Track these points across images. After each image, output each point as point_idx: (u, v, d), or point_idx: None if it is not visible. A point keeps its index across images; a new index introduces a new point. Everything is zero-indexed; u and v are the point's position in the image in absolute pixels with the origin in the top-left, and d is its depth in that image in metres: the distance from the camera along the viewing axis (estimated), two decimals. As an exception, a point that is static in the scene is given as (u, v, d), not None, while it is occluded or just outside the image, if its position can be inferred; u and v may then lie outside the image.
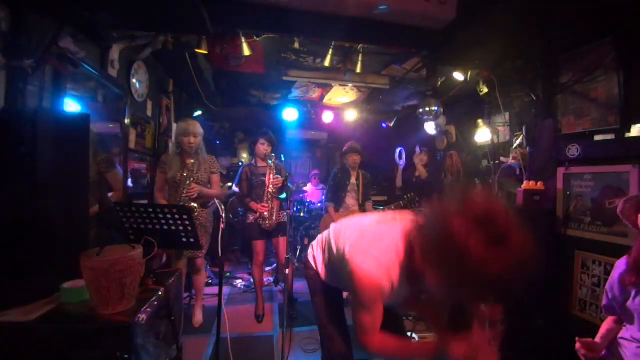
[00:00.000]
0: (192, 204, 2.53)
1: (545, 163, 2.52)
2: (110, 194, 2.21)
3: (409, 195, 3.39)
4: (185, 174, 2.53)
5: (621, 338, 1.43)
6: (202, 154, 2.67)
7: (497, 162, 3.07)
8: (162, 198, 2.66)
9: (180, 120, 2.92)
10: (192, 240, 1.63)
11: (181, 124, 2.62)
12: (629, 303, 1.37)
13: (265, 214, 2.95)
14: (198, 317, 2.83)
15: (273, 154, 2.99)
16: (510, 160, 2.79)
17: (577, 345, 1.44)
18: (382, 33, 2.30)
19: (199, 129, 2.61)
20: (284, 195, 3.01)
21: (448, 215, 0.85)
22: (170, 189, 2.62)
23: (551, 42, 2.37)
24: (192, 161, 2.57)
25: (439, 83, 3.53)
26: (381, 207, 4.20)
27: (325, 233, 1.48)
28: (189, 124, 2.58)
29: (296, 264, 4.38)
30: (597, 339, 1.48)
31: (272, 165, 2.96)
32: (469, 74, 3.06)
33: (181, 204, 2.47)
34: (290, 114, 4.79)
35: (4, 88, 1.54)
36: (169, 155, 2.70)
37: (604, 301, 1.53)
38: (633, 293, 1.35)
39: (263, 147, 3.05)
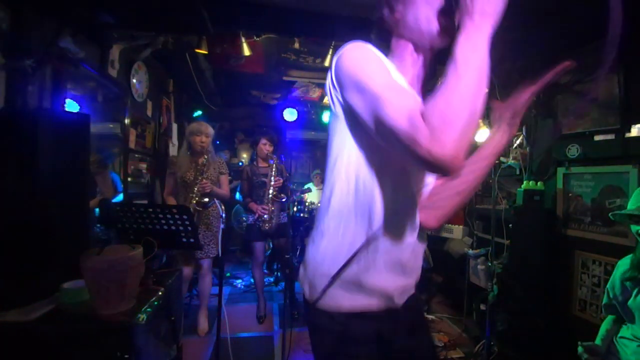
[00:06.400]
0: (205, 199, 2.55)
1: (545, 163, 2.52)
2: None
3: None
4: (196, 173, 2.57)
5: (621, 337, 1.43)
6: (211, 155, 2.72)
7: (497, 162, 3.06)
8: (174, 202, 2.67)
9: (191, 122, 3.01)
10: (192, 240, 1.63)
11: (193, 124, 2.72)
12: (630, 302, 1.37)
13: (265, 216, 2.93)
14: (203, 325, 2.75)
15: (274, 155, 2.96)
16: (510, 160, 2.79)
17: (580, 349, 1.45)
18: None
19: (210, 129, 2.69)
20: (284, 199, 3.00)
21: None
22: (181, 189, 2.64)
23: (551, 41, 2.37)
24: (203, 160, 2.62)
25: (439, 83, 3.52)
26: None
27: None
28: (201, 124, 2.68)
29: (297, 264, 4.38)
30: (598, 340, 1.49)
31: (274, 165, 2.92)
32: (469, 74, 3.05)
33: (194, 200, 2.50)
34: (290, 114, 4.79)
35: (4, 88, 1.54)
36: (179, 156, 2.77)
37: (605, 300, 1.54)
38: (634, 292, 1.36)
39: (265, 147, 3.02)
